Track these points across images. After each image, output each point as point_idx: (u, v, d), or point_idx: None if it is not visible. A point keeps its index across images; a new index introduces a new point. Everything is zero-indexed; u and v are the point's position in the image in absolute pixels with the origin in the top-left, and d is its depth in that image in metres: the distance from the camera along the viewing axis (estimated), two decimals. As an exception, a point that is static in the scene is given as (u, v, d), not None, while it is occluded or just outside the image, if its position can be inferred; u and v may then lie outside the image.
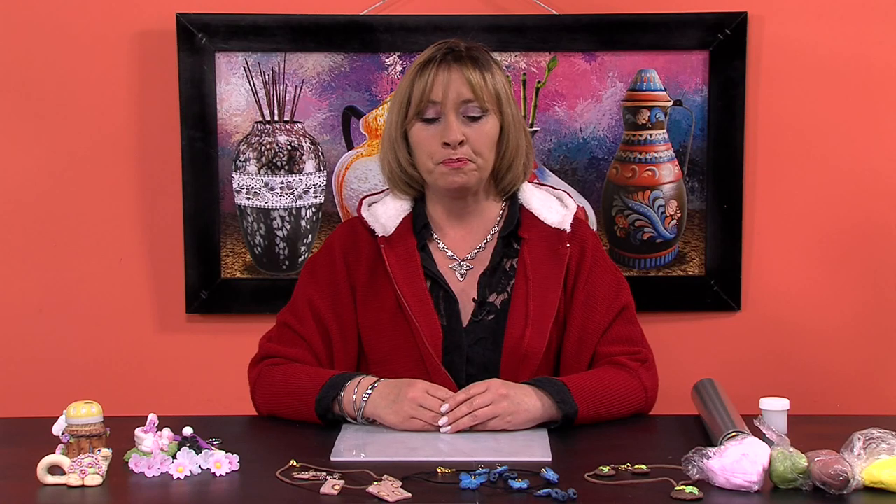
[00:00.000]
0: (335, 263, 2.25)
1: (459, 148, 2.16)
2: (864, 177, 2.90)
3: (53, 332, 2.93)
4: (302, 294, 2.26)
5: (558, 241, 2.24)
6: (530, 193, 2.30)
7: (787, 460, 1.72)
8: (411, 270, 2.20)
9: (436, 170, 2.18)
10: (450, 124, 2.16)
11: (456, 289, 2.22)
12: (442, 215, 2.27)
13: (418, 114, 2.18)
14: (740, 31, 2.83)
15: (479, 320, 2.21)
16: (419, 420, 2.02)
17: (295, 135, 2.88)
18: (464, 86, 2.16)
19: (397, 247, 2.22)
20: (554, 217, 2.26)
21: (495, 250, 2.25)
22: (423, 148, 2.19)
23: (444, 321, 2.19)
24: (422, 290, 2.19)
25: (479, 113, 2.17)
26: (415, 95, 2.17)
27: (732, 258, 2.91)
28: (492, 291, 2.23)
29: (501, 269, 2.24)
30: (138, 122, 2.90)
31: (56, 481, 1.78)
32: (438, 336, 2.16)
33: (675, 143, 2.88)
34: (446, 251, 2.26)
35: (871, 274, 2.93)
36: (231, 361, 2.90)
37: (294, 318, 2.24)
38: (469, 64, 2.17)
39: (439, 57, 2.18)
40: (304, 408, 2.10)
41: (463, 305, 2.22)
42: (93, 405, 1.86)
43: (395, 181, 2.26)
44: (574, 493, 1.69)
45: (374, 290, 2.23)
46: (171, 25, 2.82)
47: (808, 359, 2.94)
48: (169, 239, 2.90)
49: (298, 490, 1.74)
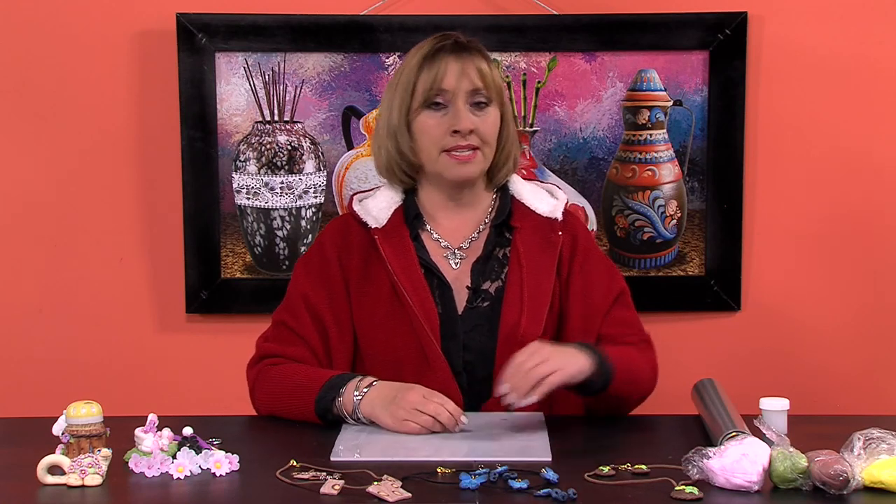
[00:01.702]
0: (327, 258, 2.25)
1: (468, 136, 2.16)
2: (865, 177, 2.91)
3: (53, 332, 2.93)
4: (296, 291, 2.25)
5: (550, 230, 2.25)
6: (521, 185, 2.31)
7: (787, 460, 1.72)
8: (407, 258, 2.20)
9: (441, 158, 2.18)
10: (460, 111, 2.15)
11: (450, 276, 2.22)
12: (436, 204, 2.26)
13: (425, 101, 2.18)
14: (740, 31, 2.83)
15: (473, 307, 2.21)
16: (414, 424, 2.01)
17: (295, 135, 2.88)
18: (475, 74, 2.17)
19: (391, 237, 2.22)
20: (545, 207, 2.27)
21: (488, 239, 2.25)
22: (428, 136, 2.18)
23: (440, 308, 2.19)
24: (418, 278, 2.19)
25: (486, 103, 2.18)
26: (423, 84, 2.17)
27: (732, 258, 2.91)
28: (485, 279, 2.23)
29: (494, 257, 2.25)
30: (138, 122, 2.90)
31: (56, 481, 1.77)
32: (435, 323, 2.16)
33: (675, 143, 2.88)
34: (440, 241, 2.25)
35: (871, 274, 2.93)
36: (231, 361, 2.89)
37: (290, 315, 2.23)
38: (476, 53, 2.19)
39: (447, 47, 2.18)
40: (303, 408, 2.10)
41: (457, 292, 2.22)
42: (93, 405, 1.86)
43: (393, 170, 2.25)
44: (574, 493, 1.69)
45: (369, 281, 2.22)
46: (171, 25, 2.82)
47: (808, 359, 2.94)
48: (169, 239, 2.90)
49: (298, 490, 1.74)
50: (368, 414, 2.06)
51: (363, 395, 2.06)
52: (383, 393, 2.06)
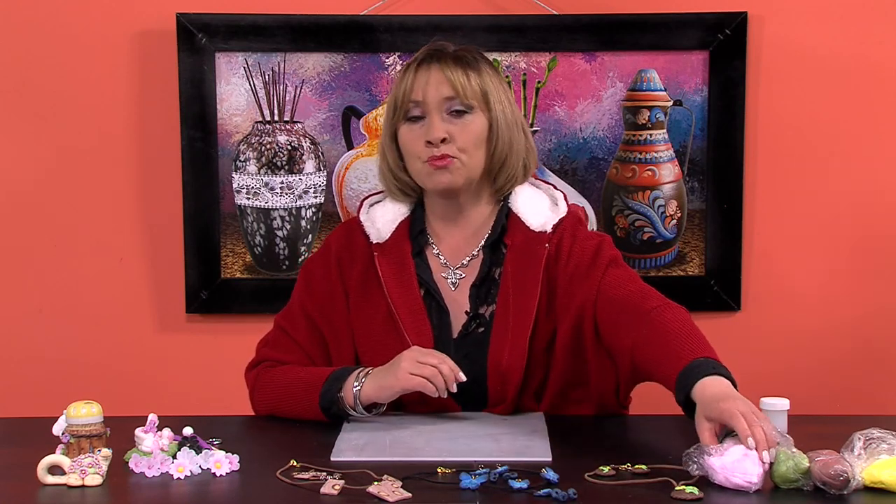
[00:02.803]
0: (329, 267, 2.23)
1: (442, 146, 2.11)
2: (864, 177, 2.91)
3: (53, 332, 2.93)
4: (297, 299, 2.25)
5: (538, 244, 2.17)
6: (521, 195, 2.22)
7: (789, 460, 1.72)
8: (404, 279, 2.17)
9: (422, 169, 2.15)
10: (432, 122, 2.12)
11: (448, 299, 2.18)
12: (438, 220, 2.23)
13: (404, 114, 2.16)
14: (740, 31, 2.83)
15: (468, 333, 2.17)
16: (418, 376, 1.99)
17: (295, 135, 2.88)
18: (444, 83, 2.13)
19: (391, 254, 2.19)
20: (537, 220, 2.19)
21: (483, 259, 2.20)
22: (410, 149, 2.16)
23: (436, 332, 2.15)
24: (415, 300, 2.16)
25: (463, 109, 2.14)
26: (398, 96, 2.16)
27: (732, 258, 2.91)
28: (482, 303, 2.18)
29: (490, 278, 2.19)
30: (138, 122, 2.90)
31: (56, 481, 1.77)
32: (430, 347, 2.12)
33: (675, 143, 2.89)
34: (440, 258, 2.22)
35: (871, 274, 2.93)
36: (231, 361, 2.89)
37: (289, 323, 2.23)
38: (451, 62, 2.14)
39: (420, 57, 2.17)
40: (306, 403, 2.09)
41: (454, 316, 2.18)
42: (93, 405, 1.86)
43: (390, 187, 2.24)
44: (574, 493, 1.69)
45: (367, 296, 2.20)
46: (171, 25, 2.82)
47: (808, 359, 2.94)
48: (169, 239, 2.91)
49: (298, 490, 1.74)
50: (368, 396, 2.04)
51: (361, 384, 2.06)
52: (379, 370, 2.06)
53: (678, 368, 1.90)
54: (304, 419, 2.11)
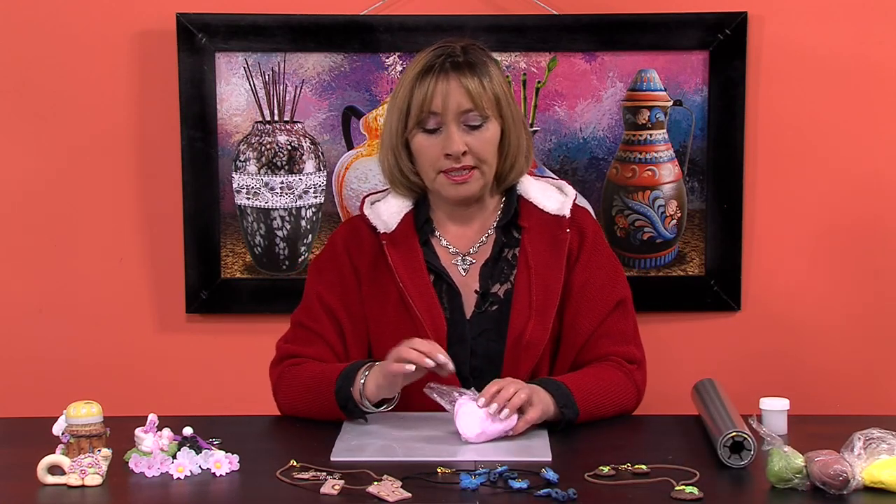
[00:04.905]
0: (339, 259, 2.27)
1: (462, 158, 2.16)
2: (865, 177, 2.90)
3: (53, 332, 2.93)
4: (311, 292, 2.28)
5: (558, 228, 2.24)
6: (528, 183, 2.30)
7: (783, 460, 1.72)
8: (414, 265, 2.22)
9: (438, 179, 2.20)
10: (451, 135, 2.15)
11: (459, 282, 2.23)
12: (444, 214, 2.29)
13: (419, 124, 2.18)
14: (740, 31, 2.83)
15: (482, 311, 2.22)
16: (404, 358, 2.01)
17: (295, 135, 2.88)
18: (463, 96, 2.15)
19: (400, 243, 2.24)
20: (552, 205, 2.26)
21: (495, 241, 2.26)
22: (425, 157, 2.19)
23: (448, 314, 2.20)
24: (425, 284, 2.20)
25: (480, 121, 2.17)
26: (414, 105, 2.17)
27: (732, 258, 2.91)
28: (494, 282, 2.24)
29: (503, 259, 2.25)
30: (138, 122, 2.90)
31: (56, 481, 1.78)
32: (442, 329, 2.17)
33: (675, 143, 2.88)
34: (448, 247, 2.27)
35: (872, 274, 2.93)
36: (231, 361, 2.91)
37: (306, 316, 2.26)
38: (467, 71, 2.16)
39: (437, 65, 2.17)
40: (325, 403, 2.10)
41: (466, 297, 2.23)
42: (93, 405, 1.87)
43: (396, 184, 2.28)
44: (574, 493, 1.69)
45: (378, 285, 2.24)
46: (171, 25, 2.82)
47: (808, 359, 2.94)
48: (169, 239, 2.90)
49: (298, 490, 1.74)
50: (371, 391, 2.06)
51: (365, 378, 2.07)
52: (380, 364, 2.08)
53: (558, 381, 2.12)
54: (328, 419, 2.11)
